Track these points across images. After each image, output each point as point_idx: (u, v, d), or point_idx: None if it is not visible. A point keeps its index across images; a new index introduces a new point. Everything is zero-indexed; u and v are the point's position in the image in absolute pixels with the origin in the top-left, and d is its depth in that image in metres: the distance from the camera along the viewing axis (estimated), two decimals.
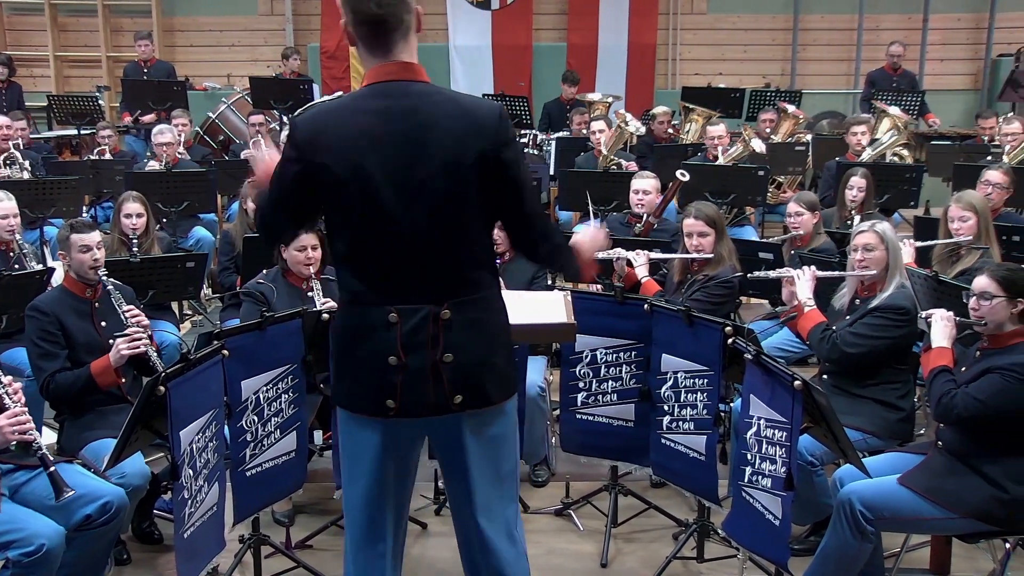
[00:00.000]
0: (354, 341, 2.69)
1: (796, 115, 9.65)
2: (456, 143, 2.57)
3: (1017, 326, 3.55)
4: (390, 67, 2.60)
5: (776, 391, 3.30)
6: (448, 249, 2.63)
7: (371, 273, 2.65)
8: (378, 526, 2.80)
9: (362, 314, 2.66)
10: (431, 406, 2.66)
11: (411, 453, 2.83)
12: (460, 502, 2.82)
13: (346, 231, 2.64)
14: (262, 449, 3.78)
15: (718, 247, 4.90)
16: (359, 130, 2.56)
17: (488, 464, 2.77)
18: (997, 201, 6.36)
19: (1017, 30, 12.00)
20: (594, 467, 4.53)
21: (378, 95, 2.59)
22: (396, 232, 2.59)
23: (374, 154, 2.55)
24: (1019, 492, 3.45)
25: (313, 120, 2.62)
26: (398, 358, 2.62)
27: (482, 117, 2.61)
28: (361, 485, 2.77)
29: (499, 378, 2.74)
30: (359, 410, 2.72)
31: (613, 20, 12.20)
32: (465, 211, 2.62)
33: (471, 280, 2.68)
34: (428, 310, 2.62)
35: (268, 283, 4.73)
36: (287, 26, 12.33)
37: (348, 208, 2.60)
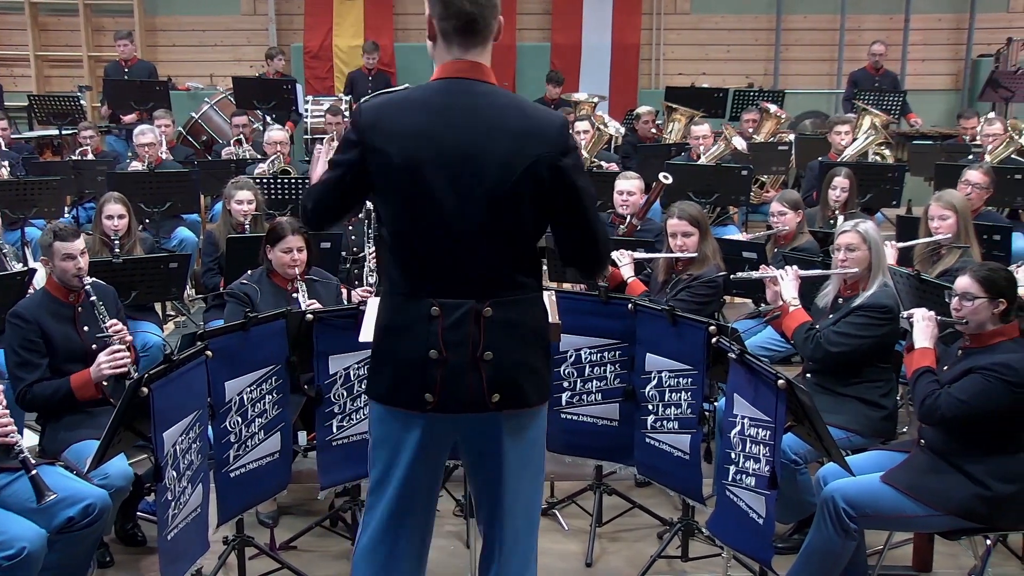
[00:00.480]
0: (395, 333, 2.69)
1: (779, 115, 9.69)
2: (514, 146, 2.58)
3: (998, 325, 3.58)
4: (461, 64, 2.63)
5: (760, 390, 3.31)
6: (494, 248, 2.64)
7: (416, 265, 2.66)
8: (401, 526, 2.78)
9: (404, 306, 2.67)
10: (468, 403, 2.65)
11: (444, 451, 2.81)
12: (489, 502, 2.81)
13: (396, 221, 2.66)
14: (246, 450, 3.77)
15: (702, 246, 4.91)
16: (420, 122, 2.58)
17: (522, 466, 2.77)
18: (977, 201, 6.40)
19: (997, 31, 12.08)
20: (579, 467, 4.53)
21: (444, 91, 2.63)
22: (445, 227, 2.60)
23: (432, 148, 2.57)
24: (1001, 489, 3.48)
25: (378, 107, 2.65)
26: (439, 352, 2.62)
27: (544, 124, 2.63)
28: (393, 482, 2.74)
29: (537, 380, 2.74)
30: (397, 403, 2.70)
31: (597, 20, 12.21)
32: (515, 213, 2.62)
33: (515, 281, 2.68)
34: (470, 306, 2.62)
35: (252, 284, 4.71)
36: (270, 26, 12.29)
37: (400, 198, 2.63)
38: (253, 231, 5.92)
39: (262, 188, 6.73)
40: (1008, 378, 3.42)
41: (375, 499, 2.79)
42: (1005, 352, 3.51)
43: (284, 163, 7.70)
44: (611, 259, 2.88)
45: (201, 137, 10.14)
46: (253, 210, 6.00)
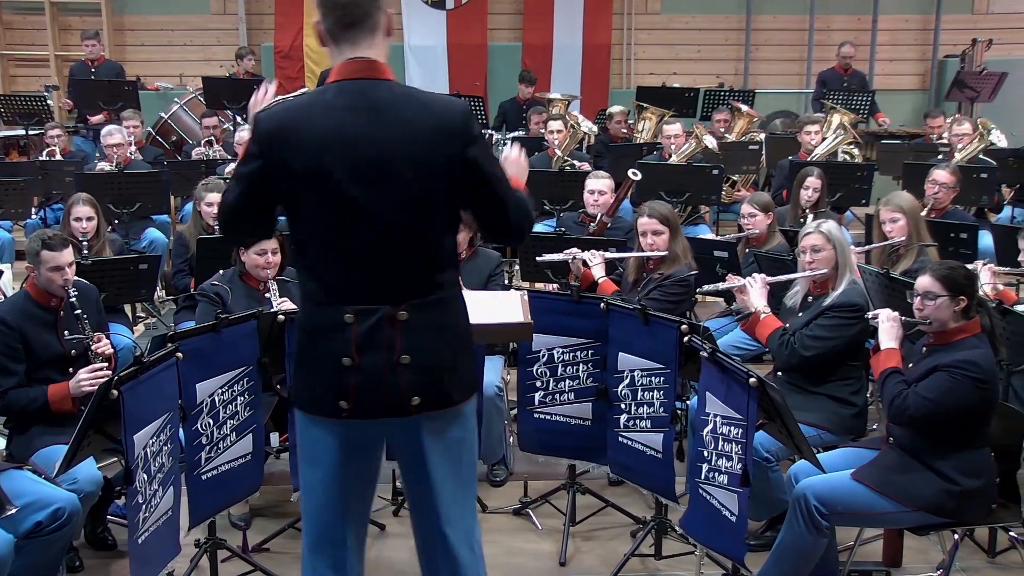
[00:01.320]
0: (310, 341, 2.66)
1: (750, 114, 9.75)
2: (424, 144, 2.55)
3: (960, 322, 3.62)
4: (357, 64, 2.58)
5: (732, 388, 3.33)
6: (410, 250, 2.61)
7: (329, 273, 2.62)
8: (336, 531, 2.76)
9: (319, 314, 2.64)
10: (386, 408, 2.64)
11: (370, 456, 2.79)
12: (421, 506, 2.79)
13: (306, 230, 2.62)
14: (218, 452, 3.75)
15: (672, 245, 4.93)
16: (325, 128, 2.53)
17: (449, 467, 2.74)
18: (944, 200, 6.49)
19: (962, 31, 12.22)
20: (552, 466, 4.54)
21: (344, 93, 2.57)
22: (358, 233, 2.56)
23: (340, 153, 2.52)
24: (968, 484, 3.52)
25: (277, 116, 2.59)
26: (352, 359, 2.59)
27: (449, 117, 2.59)
28: (319, 489, 2.73)
29: (459, 379, 2.72)
30: (314, 411, 2.68)
31: (568, 20, 12.23)
32: (430, 212, 2.61)
33: (432, 281, 2.65)
34: (384, 311, 2.59)
35: (224, 284, 4.68)
36: (240, 26, 12.21)
37: (310, 207, 2.57)
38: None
39: None
40: (973, 374, 3.47)
41: (307, 506, 2.78)
42: (968, 349, 3.55)
43: None
44: (531, 226, 2.86)
45: (171, 137, 10.07)
46: None
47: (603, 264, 5.07)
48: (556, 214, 7.05)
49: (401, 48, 12.02)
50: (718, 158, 8.18)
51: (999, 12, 12.51)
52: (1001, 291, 4.99)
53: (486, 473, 4.84)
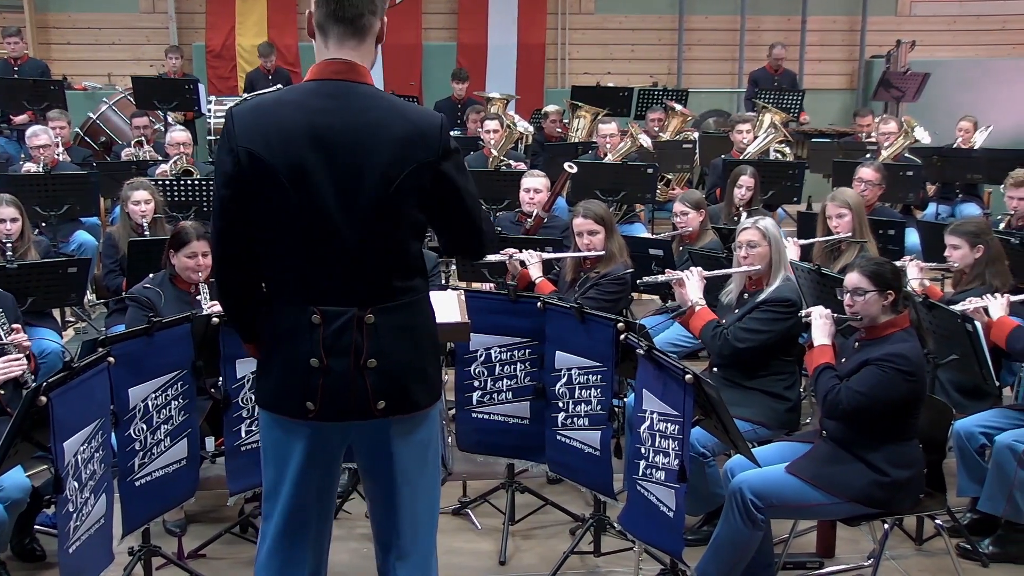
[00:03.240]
0: (277, 341, 2.64)
1: (683, 113, 9.85)
2: (398, 151, 2.53)
3: (890, 316, 3.71)
4: (337, 65, 2.56)
5: (668, 385, 3.36)
6: (379, 254, 2.59)
7: (297, 272, 2.60)
8: (297, 533, 2.74)
9: (286, 314, 2.62)
10: (352, 410, 2.62)
11: (335, 459, 2.78)
12: (383, 508, 2.78)
13: (276, 228, 2.58)
14: (152, 458, 3.69)
15: (608, 244, 4.96)
16: (301, 126, 2.50)
17: (414, 470, 2.74)
18: (871, 197, 6.63)
19: (887, 33, 12.48)
20: (490, 465, 4.55)
21: (321, 93, 2.55)
22: (328, 234, 2.54)
23: (315, 152, 2.50)
24: (898, 475, 3.60)
25: (252, 112, 2.56)
26: (320, 360, 2.57)
27: (425, 128, 2.58)
28: (283, 491, 2.70)
29: (425, 383, 2.71)
30: (280, 411, 2.66)
31: (502, 20, 12.25)
32: (400, 218, 2.59)
33: (400, 286, 2.63)
34: (352, 314, 2.57)
35: (155, 287, 4.61)
36: (170, 24, 12.01)
37: (281, 204, 2.53)
38: (153, 233, 5.80)
39: (164, 190, 6.58)
40: (902, 367, 3.55)
41: (269, 507, 2.75)
42: (897, 342, 3.64)
43: (188, 164, 7.54)
44: (494, 246, 2.86)
45: (100, 138, 9.86)
46: (152, 211, 5.88)
47: (540, 264, 5.08)
48: (492, 214, 7.06)
49: None
50: (652, 157, 8.26)
51: (921, 15, 12.82)
52: (927, 287, 5.11)
53: None
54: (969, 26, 12.79)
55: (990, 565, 4.14)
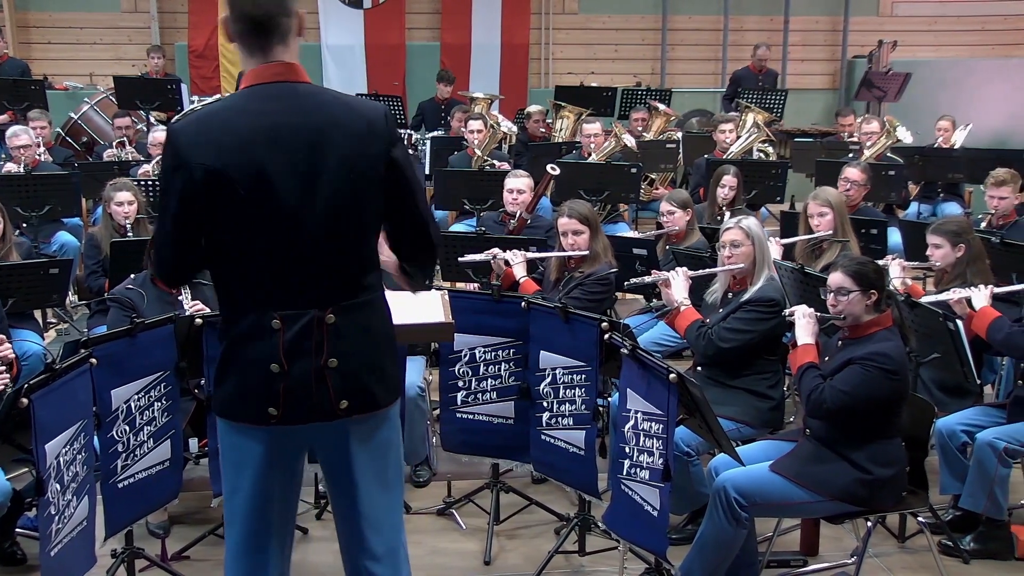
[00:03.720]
0: (234, 348, 2.60)
1: (667, 113, 9.87)
2: (355, 145, 2.53)
3: (873, 316, 3.73)
4: (274, 68, 2.54)
5: (652, 384, 3.37)
6: (340, 253, 2.58)
7: (256, 279, 2.56)
8: (261, 537, 2.72)
9: (244, 320, 2.58)
10: (315, 413, 2.60)
11: (296, 462, 2.76)
12: (345, 510, 2.77)
13: (234, 238, 2.53)
14: (135, 459, 3.67)
15: (593, 244, 4.97)
16: (252, 132, 2.47)
17: (374, 470, 2.72)
18: (856, 197, 6.66)
19: (869, 33, 12.54)
20: (475, 465, 4.55)
21: (265, 97, 2.52)
22: (290, 236, 2.52)
23: (273, 155, 2.47)
24: (881, 473, 3.62)
25: (196, 124, 2.51)
26: (280, 365, 2.55)
27: (373, 118, 2.58)
28: (244, 496, 2.68)
29: (385, 382, 2.70)
30: (240, 419, 2.62)
31: (486, 20, 12.25)
32: (361, 214, 2.59)
33: (358, 284, 2.62)
34: (313, 315, 2.55)
35: (137, 288, 4.59)
36: (152, 24, 11.95)
37: (239, 214, 2.50)
38: (136, 233, 5.77)
39: (147, 190, 6.55)
40: (885, 366, 3.57)
41: (231, 513, 2.72)
42: (881, 341, 3.66)
43: None
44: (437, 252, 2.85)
45: (81, 138, 9.80)
46: (134, 211, 5.84)
47: (524, 263, 5.08)
48: (476, 213, 7.06)
49: (318, 48, 11.91)
50: (636, 157, 8.27)
51: (903, 15, 12.89)
52: (910, 286, 5.14)
53: (409, 474, 4.82)
54: (950, 26, 12.87)
55: (971, 561, 4.17)
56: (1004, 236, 5.63)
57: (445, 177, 7.54)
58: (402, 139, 2.69)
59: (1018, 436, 4.12)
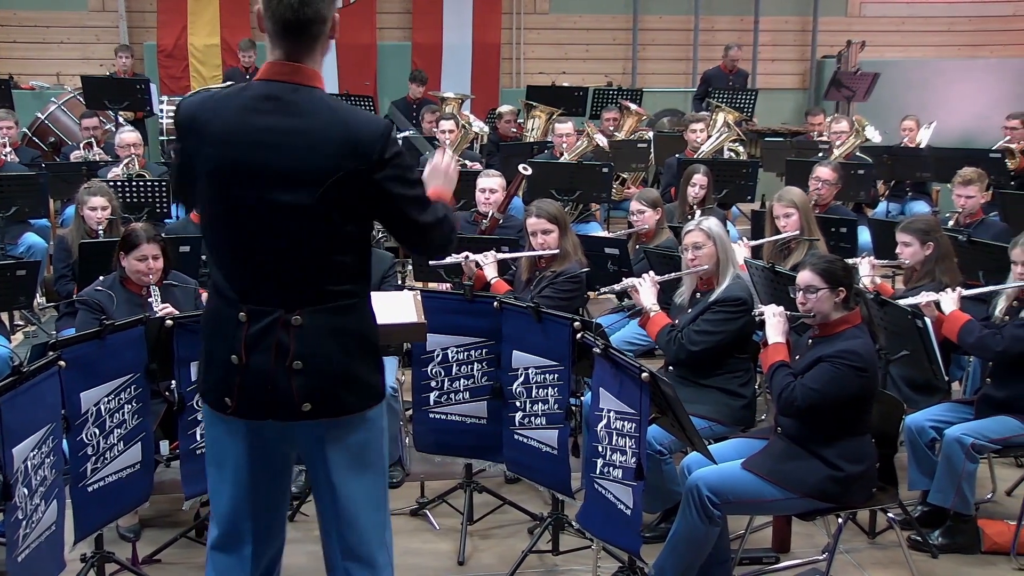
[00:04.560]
0: (208, 334, 2.70)
1: (638, 113, 9.90)
2: (327, 159, 2.51)
3: (842, 313, 3.76)
4: (283, 67, 2.56)
5: (625, 383, 3.38)
6: (305, 259, 2.57)
7: (227, 268, 2.63)
8: (240, 535, 2.74)
9: (219, 308, 2.65)
10: (273, 410, 2.61)
11: (274, 458, 2.75)
12: (326, 511, 2.77)
13: (209, 224, 2.64)
14: (104, 462, 3.64)
15: (563, 243, 4.98)
16: (235, 124, 2.53)
17: (353, 472, 2.72)
18: (827, 196, 6.71)
19: (838, 33, 12.64)
20: (448, 465, 4.54)
21: (263, 94, 2.55)
22: (253, 235, 2.55)
23: (244, 154, 2.51)
24: (851, 470, 3.65)
25: (196, 105, 2.61)
26: (240, 358, 2.59)
27: (363, 136, 2.53)
28: (225, 489, 2.73)
29: (359, 386, 2.68)
30: (207, 401, 2.71)
31: (457, 19, 12.24)
32: (327, 225, 2.55)
33: (331, 290, 2.61)
34: (278, 315, 2.57)
35: (106, 290, 4.55)
36: (120, 23, 11.84)
37: (211, 202, 2.59)
38: (108, 235, 5.72)
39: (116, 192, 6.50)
40: (854, 363, 3.60)
41: (214, 505, 2.78)
42: (850, 339, 3.69)
43: (139, 166, 7.42)
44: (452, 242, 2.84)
45: (48, 139, 9.69)
46: (108, 215, 5.79)
47: (496, 264, 5.09)
48: None
49: None
50: (608, 156, 8.29)
51: (871, 16, 13.00)
52: (879, 284, 5.19)
53: None
54: (917, 27, 13.00)
55: (939, 556, 4.21)
56: (971, 234, 5.69)
57: None
58: (397, 156, 2.59)
59: (985, 432, 4.18)
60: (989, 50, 12.99)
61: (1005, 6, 13.03)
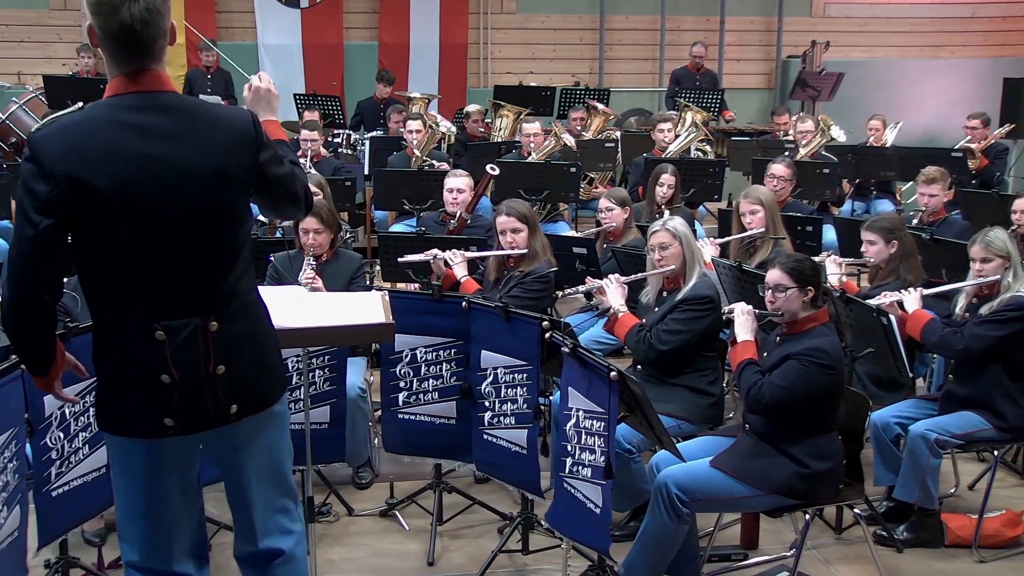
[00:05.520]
0: (118, 364, 2.59)
1: (606, 112, 9.92)
2: (223, 156, 2.55)
3: (810, 312, 3.79)
4: (140, 78, 2.50)
5: (593, 382, 3.38)
6: (215, 261, 2.60)
7: (134, 291, 2.54)
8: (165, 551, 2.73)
9: (126, 333, 2.56)
10: (210, 420, 2.63)
11: (191, 470, 2.77)
12: (237, 506, 2.83)
13: (102, 249, 2.51)
14: (69, 466, 3.60)
15: (532, 243, 4.98)
16: (117, 142, 2.45)
17: (265, 469, 2.79)
18: (784, 193, 6.77)
19: (803, 33, 12.75)
20: (417, 466, 4.53)
21: (133, 107, 2.49)
22: (162, 248, 2.52)
23: (140, 169, 2.45)
24: (818, 467, 3.68)
25: (60, 134, 2.46)
26: (171, 375, 2.55)
27: (240, 126, 2.60)
28: (140, 512, 2.69)
29: (273, 377, 2.77)
30: (135, 434, 2.61)
31: (424, 19, 12.22)
32: (231, 221, 2.61)
33: (236, 289, 2.64)
34: (197, 323, 2.57)
35: (71, 292, 4.49)
36: (83, 22, 11.69)
37: (110, 225, 2.47)
38: None
39: None
40: (822, 361, 3.63)
41: (131, 529, 2.73)
42: (817, 337, 3.72)
43: None
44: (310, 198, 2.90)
45: (10, 139, 9.55)
46: None
47: (465, 263, 5.08)
48: (416, 214, 7.03)
49: (255, 47, 11.78)
50: (575, 156, 8.30)
51: (835, 16, 13.12)
52: (845, 282, 5.23)
53: (352, 476, 4.80)
54: (880, 27, 13.13)
55: (904, 550, 4.26)
56: (934, 233, 5.76)
57: (385, 177, 7.50)
58: (268, 141, 2.69)
59: (948, 428, 4.23)
60: (949, 51, 13.15)
61: (964, 7, 13.20)
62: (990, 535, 4.29)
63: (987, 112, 9.08)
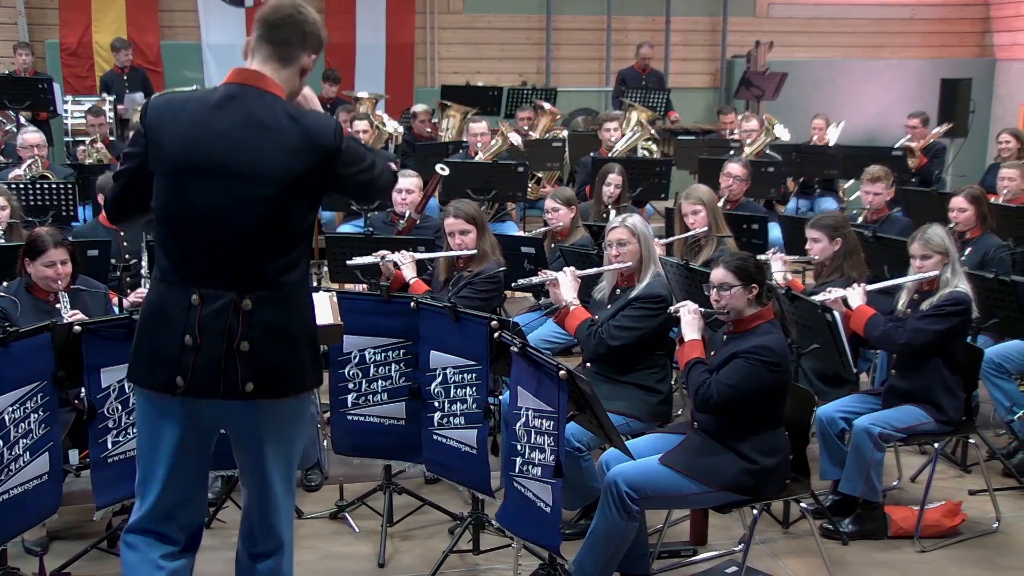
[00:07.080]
0: (156, 318, 2.80)
1: (552, 112, 9.95)
2: (288, 156, 2.73)
3: (755, 309, 3.83)
4: (247, 73, 2.80)
5: (542, 381, 3.39)
6: (260, 249, 2.77)
7: (181, 255, 2.78)
8: (169, 505, 2.87)
9: (168, 293, 2.79)
10: (219, 389, 2.76)
11: (206, 438, 2.91)
12: (253, 478, 2.93)
13: (165, 211, 2.79)
14: (9, 475, 3.52)
15: (480, 243, 4.97)
16: (197, 125, 2.74)
17: (280, 447, 2.90)
18: (738, 192, 6.84)
19: (747, 33, 12.87)
20: (367, 467, 4.52)
21: (224, 95, 2.77)
22: (212, 227, 2.74)
23: (203, 153, 2.72)
24: (766, 463, 3.72)
25: (164, 104, 2.83)
26: (194, 339, 2.73)
27: (315, 134, 2.77)
28: (160, 471, 2.84)
29: (297, 373, 2.86)
30: (151, 386, 2.81)
31: (370, 19, 12.14)
32: (282, 216, 2.77)
33: (278, 279, 2.80)
34: (231, 297, 2.74)
35: (10, 296, 4.41)
36: (20, 20, 11.46)
37: (170, 192, 2.77)
38: (8, 239, 5.54)
39: (19, 194, 6.30)
40: (768, 359, 3.67)
41: (144, 488, 2.88)
42: (763, 334, 3.76)
43: (43, 167, 7.22)
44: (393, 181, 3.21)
45: None
46: (7, 217, 5.61)
47: (414, 264, 5.06)
48: (364, 215, 6.99)
49: (199, 47, 11.63)
50: (523, 155, 8.31)
51: (778, 16, 13.27)
52: (790, 280, 5.30)
53: (301, 478, 4.76)
54: (823, 28, 13.30)
55: (849, 543, 4.33)
56: (876, 230, 5.86)
57: None
58: (344, 142, 2.86)
59: (891, 422, 4.31)
60: (889, 51, 13.36)
61: (903, 9, 13.42)
62: (931, 525, 4.38)
63: (925, 112, 9.26)
